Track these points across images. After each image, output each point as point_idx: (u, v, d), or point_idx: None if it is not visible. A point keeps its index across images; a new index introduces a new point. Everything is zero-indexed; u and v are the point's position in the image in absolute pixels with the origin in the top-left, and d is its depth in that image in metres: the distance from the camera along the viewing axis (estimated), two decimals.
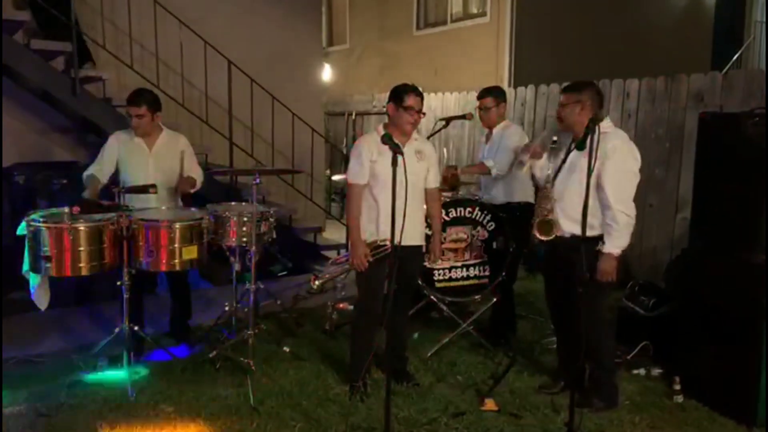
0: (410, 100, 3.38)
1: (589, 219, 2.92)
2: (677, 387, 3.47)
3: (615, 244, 3.13)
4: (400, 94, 3.41)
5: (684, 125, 5.32)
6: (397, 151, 2.72)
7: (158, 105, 3.99)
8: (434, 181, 3.61)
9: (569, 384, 3.44)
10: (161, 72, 6.23)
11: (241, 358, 3.74)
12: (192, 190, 4.08)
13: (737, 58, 9.83)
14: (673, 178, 5.44)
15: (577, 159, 3.28)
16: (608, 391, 3.36)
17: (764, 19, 10.65)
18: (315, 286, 3.48)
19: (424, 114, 3.47)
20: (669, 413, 3.34)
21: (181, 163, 4.05)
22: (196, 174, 4.12)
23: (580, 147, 2.93)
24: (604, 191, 3.15)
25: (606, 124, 3.22)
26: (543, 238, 3.32)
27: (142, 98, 3.91)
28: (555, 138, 3.49)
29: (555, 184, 3.38)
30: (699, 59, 9.16)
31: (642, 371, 3.77)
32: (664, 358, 3.78)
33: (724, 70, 6.00)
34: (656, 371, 3.78)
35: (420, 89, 3.47)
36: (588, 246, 3.04)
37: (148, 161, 3.98)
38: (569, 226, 3.28)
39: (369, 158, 3.39)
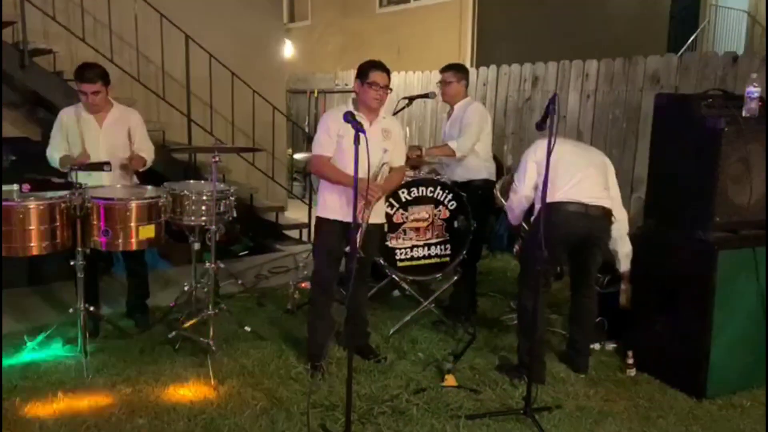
0: (375, 76, 3.35)
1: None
2: (630, 361, 3.59)
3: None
4: (365, 70, 3.39)
5: (640, 106, 5.43)
6: (359, 129, 2.69)
7: (109, 78, 3.86)
8: (399, 161, 3.58)
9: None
10: (115, 45, 6.01)
11: (201, 338, 3.70)
12: (142, 169, 3.98)
13: (692, 40, 10.07)
14: (629, 158, 5.56)
15: None
16: (527, 368, 3.35)
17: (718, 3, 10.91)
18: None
19: (390, 90, 3.44)
20: (622, 386, 3.45)
21: (129, 139, 3.94)
22: (147, 151, 4.01)
23: (540, 127, 2.96)
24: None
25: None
26: None
27: (95, 73, 3.75)
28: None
29: None
30: (656, 41, 9.35)
31: (597, 346, 3.88)
32: (618, 334, 3.89)
33: (680, 53, 6.13)
34: (611, 346, 3.89)
35: (387, 67, 3.43)
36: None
37: (99, 138, 3.85)
38: None
39: (336, 132, 3.36)
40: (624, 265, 3.65)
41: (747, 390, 3.36)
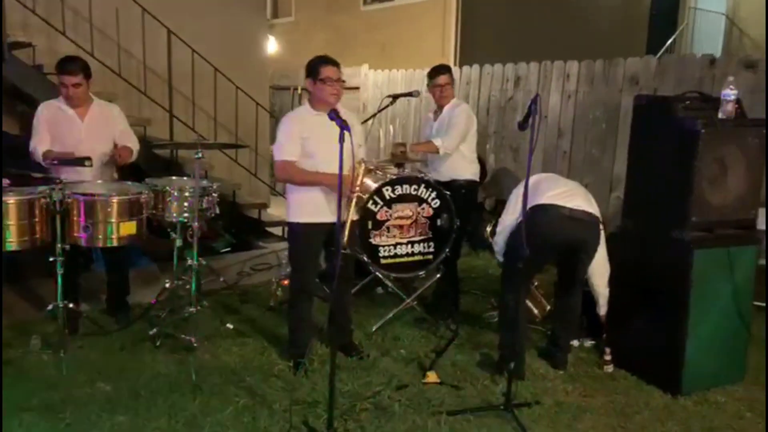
0: (326, 71, 3.27)
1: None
2: (608, 357, 3.64)
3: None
4: (315, 67, 3.30)
5: (620, 107, 5.50)
6: (345, 127, 2.69)
7: (90, 71, 3.84)
8: (362, 153, 3.53)
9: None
10: (96, 39, 5.94)
11: (183, 335, 3.68)
12: (130, 160, 3.95)
13: (671, 42, 10.21)
14: (608, 158, 5.64)
15: None
16: (507, 364, 3.33)
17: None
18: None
19: (344, 81, 3.37)
20: (600, 382, 3.50)
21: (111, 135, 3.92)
22: (133, 142, 3.99)
23: (522, 126, 3.00)
24: None
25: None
26: None
27: (77, 66, 3.74)
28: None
29: None
30: (635, 43, 9.47)
31: (575, 343, 3.92)
32: (597, 330, 3.95)
33: (658, 55, 6.22)
34: (589, 343, 3.94)
35: (335, 59, 3.35)
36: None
37: (81, 132, 3.82)
38: None
39: (300, 135, 3.30)
40: (603, 308, 3.74)
41: (721, 387, 3.42)
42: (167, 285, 4.07)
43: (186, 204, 3.77)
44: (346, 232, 2.85)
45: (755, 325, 3.61)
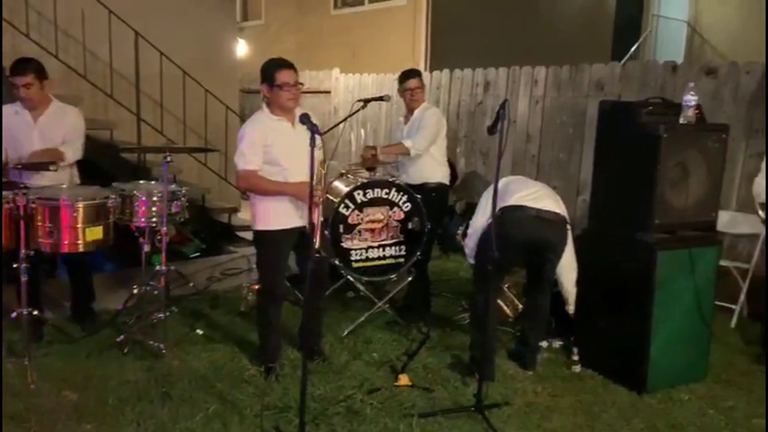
0: (283, 77, 3.21)
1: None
2: (576, 357, 3.71)
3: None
4: (270, 72, 3.24)
5: (586, 112, 5.62)
6: (316, 131, 2.70)
7: (45, 73, 3.77)
8: (321, 156, 3.48)
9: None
10: (61, 41, 5.84)
11: (151, 342, 3.63)
12: (52, 168, 3.63)
13: (635, 49, 10.46)
14: (575, 162, 5.74)
15: None
16: (478, 364, 3.44)
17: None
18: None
19: (302, 84, 3.32)
20: (568, 382, 3.57)
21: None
22: (72, 150, 3.82)
23: (491, 131, 3.04)
24: None
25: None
26: None
27: (28, 66, 3.68)
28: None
29: None
30: (601, 49, 9.67)
31: (544, 344, 3.98)
32: (565, 331, 4.01)
33: (623, 61, 6.37)
34: (557, 343, 4.01)
35: (291, 62, 3.31)
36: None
37: (33, 135, 3.74)
38: None
39: (262, 143, 3.25)
40: (572, 306, 3.83)
41: (685, 385, 3.51)
42: (135, 291, 4.01)
43: (154, 209, 3.72)
44: (318, 236, 2.85)
45: (716, 324, 3.72)
